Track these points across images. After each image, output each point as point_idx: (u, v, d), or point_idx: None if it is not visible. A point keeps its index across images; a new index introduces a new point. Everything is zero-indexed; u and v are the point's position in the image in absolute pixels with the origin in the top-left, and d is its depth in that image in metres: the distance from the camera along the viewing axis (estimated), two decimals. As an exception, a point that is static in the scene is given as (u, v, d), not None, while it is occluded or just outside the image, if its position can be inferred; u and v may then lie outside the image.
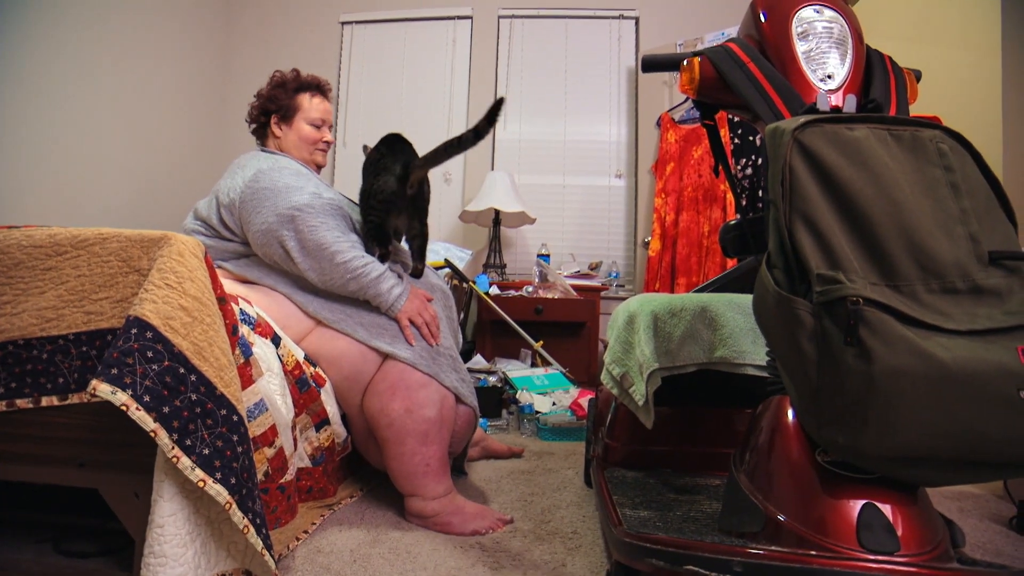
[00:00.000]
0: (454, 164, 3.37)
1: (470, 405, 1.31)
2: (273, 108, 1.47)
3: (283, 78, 1.51)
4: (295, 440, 1.15)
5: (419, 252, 1.39)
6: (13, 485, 0.96)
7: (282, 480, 1.10)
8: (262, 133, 1.51)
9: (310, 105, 1.49)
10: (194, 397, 0.77)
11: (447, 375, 1.26)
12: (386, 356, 1.23)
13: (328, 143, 1.53)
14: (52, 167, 2.30)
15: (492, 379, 2.25)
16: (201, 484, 0.75)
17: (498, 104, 1.19)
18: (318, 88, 1.52)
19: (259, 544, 0.80)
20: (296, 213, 1.22)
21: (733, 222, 0.94)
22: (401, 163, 1.29)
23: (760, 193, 2.60)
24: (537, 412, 2.08)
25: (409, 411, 1.18)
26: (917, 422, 0.57)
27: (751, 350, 1.05)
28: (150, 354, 0.75)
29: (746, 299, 1.08)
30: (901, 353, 0.57)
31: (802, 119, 0.69)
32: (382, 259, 1.29)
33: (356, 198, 1.41)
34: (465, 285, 2.61)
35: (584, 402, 2.13)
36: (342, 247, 1.22)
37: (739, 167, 2.70)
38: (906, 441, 0.58)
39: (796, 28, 0.84)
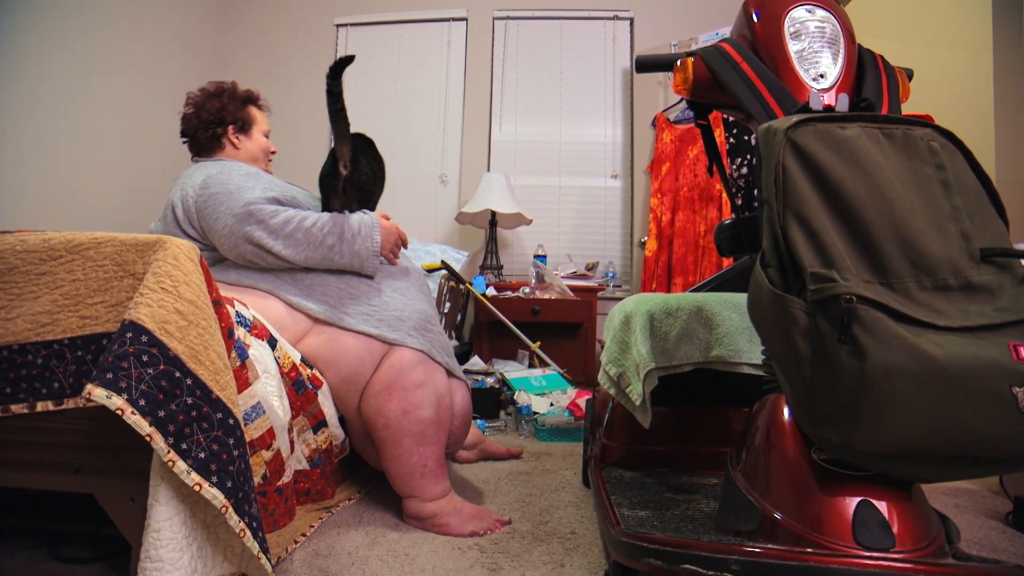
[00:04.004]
0: (450, 166, 3.37)
1: (461, 378, 1.35)
2: (231, 119, 1.46)
3: (225, 86, 1.49)
4: (292, 442, 1.15)
5: None
6: (8, 491, 0.96)
7: (280, 483, 1.09)
8: (211, 145, 1.48)
9: (260, 118, 1.52)
10: (190, 401, 0.77)
11: (438, 353, 1.28)
12: (391, 344, 1.24)
13: (275, 153, 1.58)
14: (47, 171, 2.29)
15: (490, 380, 2.25)
16: (197, 488, 0.74)
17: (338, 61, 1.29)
18: (258, 101, 1.55)
19: (256, 547, 0.79)
20: (252, 208, 1.23)
21: (728, 221, 0.94)
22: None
23: (756, 192, 2.61)
24: (535, 413, 2.08)
25: (406, 412, 1.18)
26: (911, 419, 0.58)
27: (747, 349, 1.06)
28: (145, 358, 0.74)
29: (742, 298, 1.09)
30: (894, 350, 0.57)
31: (795, 118, 0.69)
32: None
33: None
34: (462, 287, 2.61)
35: (582, 403, 2.13)
36: (304, 214, 1.25)
37: (734, 167, 2.71)
38: (900, 438, 0.58)
39: (788, 28, 0.84)
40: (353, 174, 1.34)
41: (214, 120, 1.45)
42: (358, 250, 1.27)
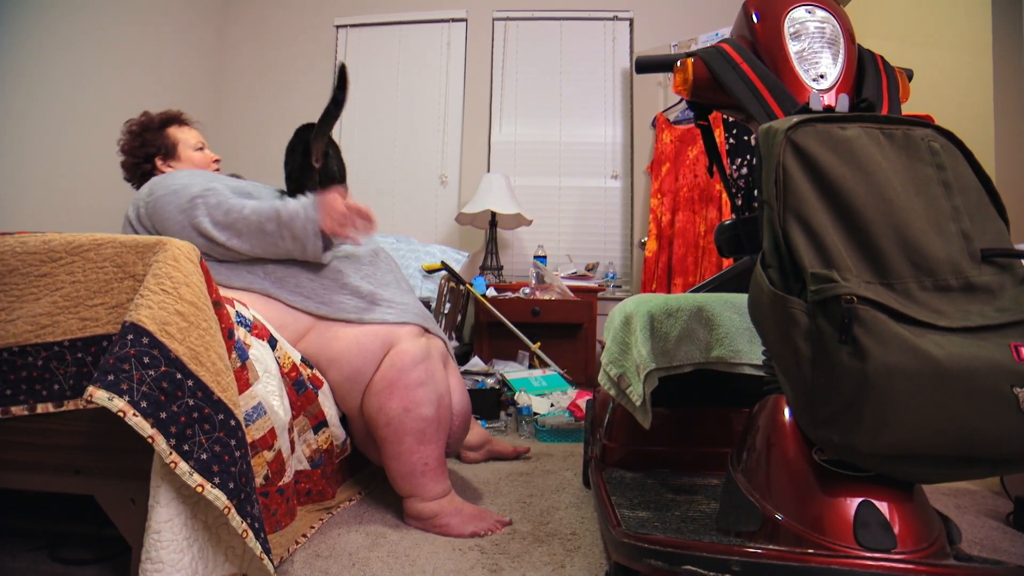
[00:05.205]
0: (450, 166, 3.37)
1: (441, 336, 1.37)
2: (153, 151, 1.46)
3: (142, 121, 1.50)
4: (292, 443, 1.15)
5: None
6: (9, 493, 0.96)
7: (281, 483, 1.09)
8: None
9: (184, 135, 1.51)
10: (191, 402, 0.77)
11: (425, 320, 1.31)
12: (370, 324, 1.25)
13: (219, 161, 1.56)
14: (47, 172, 2.29)
15: (490, 381, 2.25)
16: (199, 489, 0.74)
17: (343, 70, 1.34)
18: (179, 120, 1.54)
19: (258, 548, 0.79)
20: (198, 200, 1.24)
21: (728, 222, 0.94)
22: (302, 141, 1.37)
23: (756, 193, 2.61)
24: (535, 414, 2.08)
25: (407, 410, 1.18)
26: (912, 419, 0.58)
27: (747, 349, 1.06)
28: (147, 360, 0.74)
29: (742, 299, 1.09)
30: (895, 351, 0.57)
31: (795, 119, 0.70)
32: (325, 247, 1.31)
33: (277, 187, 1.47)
34: (462, 287, 2.61)
35: (582, 403, 2.13)
36: (246, 203, 1.26)
37: (734, 167, 2.71)
38: (901, 438, 0.58)
39: (788, 28, 0.84)
40: (325, 167, 1.37)
41: (140, 159, 1.47)
42: (297, 233, 1.24)
